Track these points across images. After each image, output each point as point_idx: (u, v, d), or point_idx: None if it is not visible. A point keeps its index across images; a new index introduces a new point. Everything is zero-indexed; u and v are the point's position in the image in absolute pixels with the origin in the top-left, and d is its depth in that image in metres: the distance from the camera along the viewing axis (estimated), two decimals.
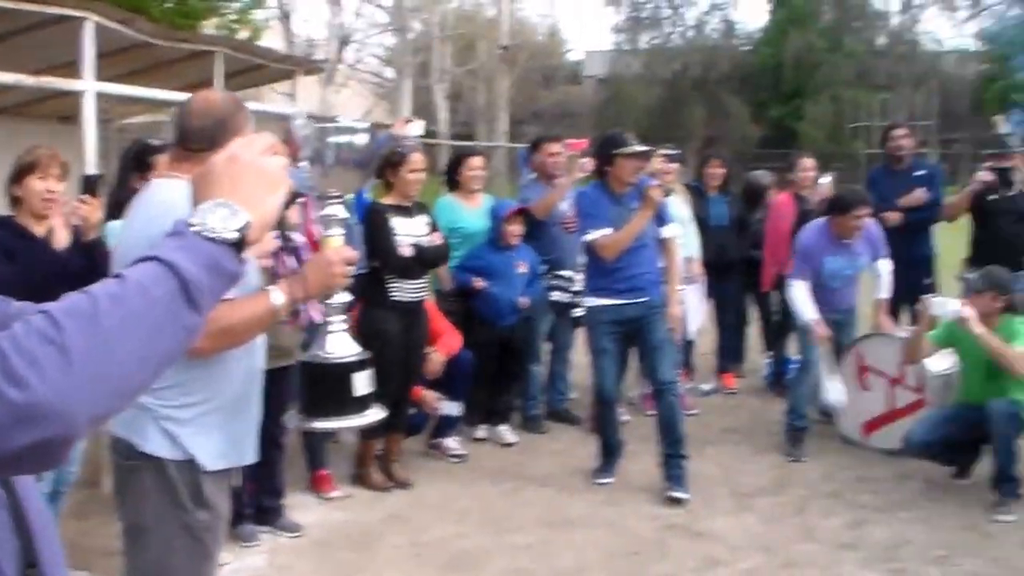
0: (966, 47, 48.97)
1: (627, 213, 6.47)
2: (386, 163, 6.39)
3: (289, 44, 34.00)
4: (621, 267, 6.52)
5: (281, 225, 4.20)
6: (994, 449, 6.21)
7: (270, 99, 18.42)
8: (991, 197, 8.07)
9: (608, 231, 6.46)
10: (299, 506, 6.22)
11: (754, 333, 9.80)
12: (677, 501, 6.39)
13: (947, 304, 6.37)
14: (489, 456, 7.44)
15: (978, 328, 6.16)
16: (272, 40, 28.40)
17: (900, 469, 6.95)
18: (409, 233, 6.43)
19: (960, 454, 6.61)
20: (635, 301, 6.54)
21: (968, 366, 6.58)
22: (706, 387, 9.20)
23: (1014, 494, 6.17)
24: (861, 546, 5.74)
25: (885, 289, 7.67)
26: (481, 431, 7.77)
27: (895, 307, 8.15)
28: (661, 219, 6.74)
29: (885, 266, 7.61)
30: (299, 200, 4.59)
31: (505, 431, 7.74)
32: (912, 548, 5.70)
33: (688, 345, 8.84)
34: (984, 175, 8.11)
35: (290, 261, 4.40)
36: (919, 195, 8.42)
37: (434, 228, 6.67)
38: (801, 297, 7.31)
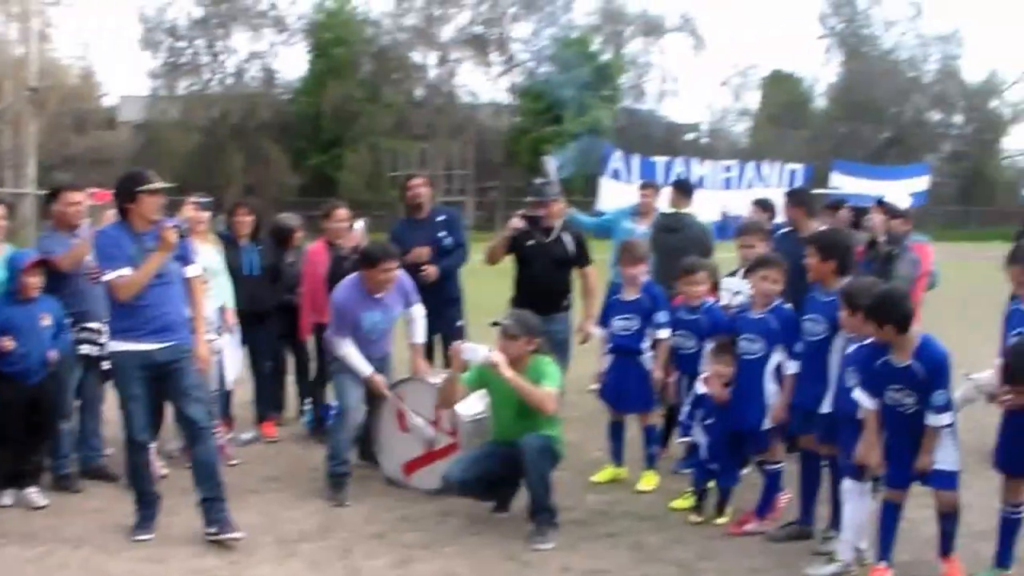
0: (500, 100, 52.46)
1: (146, 252, 6.33)
2: None
3: None
4: (145, 306, 6.33)
5: None
6: (528, 483, 6.58)
7: None
8: (529, 243, 8.48)
9: (127, 271, 6.28)
10: None
11: (291, 380, 9.83)
12: (225, 544, 6.30)
13: (478, 350, 6.65)
14: (19, 520, 6.94)
15: (507, 372, 6.52)
16: None
17: (443, 507, 7.17)
18: None
19: (498, 489, 6.94)
20: (163, 345, 6.39)
21: (500, 405, 6.91)
22: (246, 436, 9.05)
23: (550, 523, 6.56)
24: None
25: (419, 334, 7.93)
26: (7, 497, 7.29)
27: (429, 349, 8.53)
28: (184, 259, 6.67)
29: (419, 311, 7.87)
30: None
31: (34, 494, 7.32)
32: None
33: (226, 395, 8.71)
34: (516, 222, 8.47)
35: None
36: (420, 252, 8.73)
37: None
38: (352, 354, 7.50)
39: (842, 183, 24.95)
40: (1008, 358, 5.63)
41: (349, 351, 7.52)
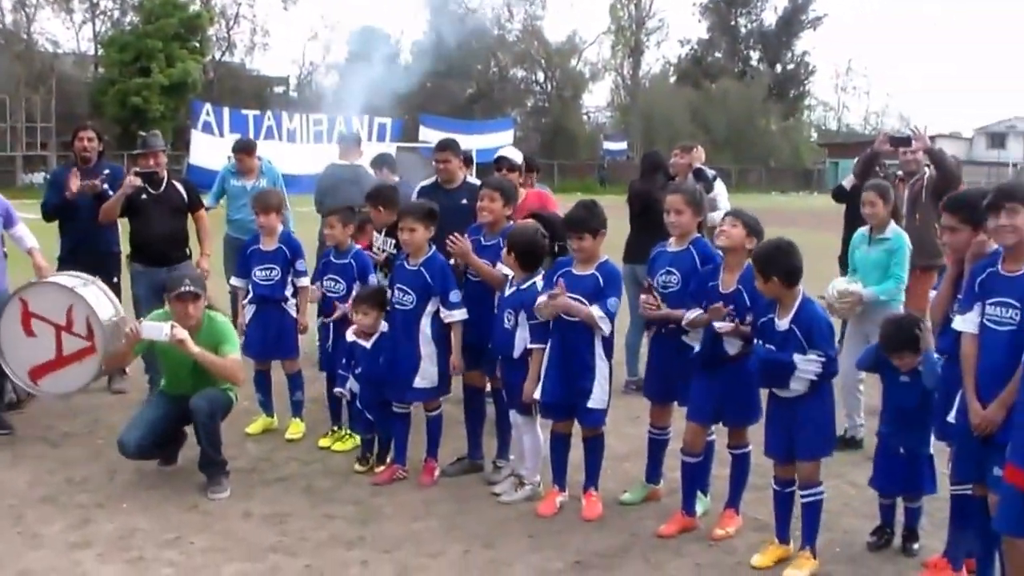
0: (84, 50, 49.57)
1: None
2: None
3: None
4: None
5: None
6: (200, 439, 6.44)
7: None
8: (143, 196, 8.33)
9: None
10: None
11: None
12: None
13: (160, 328, 6.27)
14: None
15: (194, 349, 6.28)
16: None
17: (108, 465, 6.86)
18: None
19: (168, 445, 6.80)
20: None
21: (173, 363, 6.65)
22: None
23: (223, 472, 6.47)
24: (95, 543, 5.63)
25: (29, 240, 7.89)
26: None
27: None
28: None
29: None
30: None
31: None
32: (143, 535, 5.75)
33: None
34: (134, 180, 8.25)
35: None
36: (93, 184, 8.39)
37: None
38: None
39: (430, 136, 25.87)
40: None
41: None
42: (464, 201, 7.38)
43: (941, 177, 8.38)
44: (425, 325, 6.58)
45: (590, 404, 6.06)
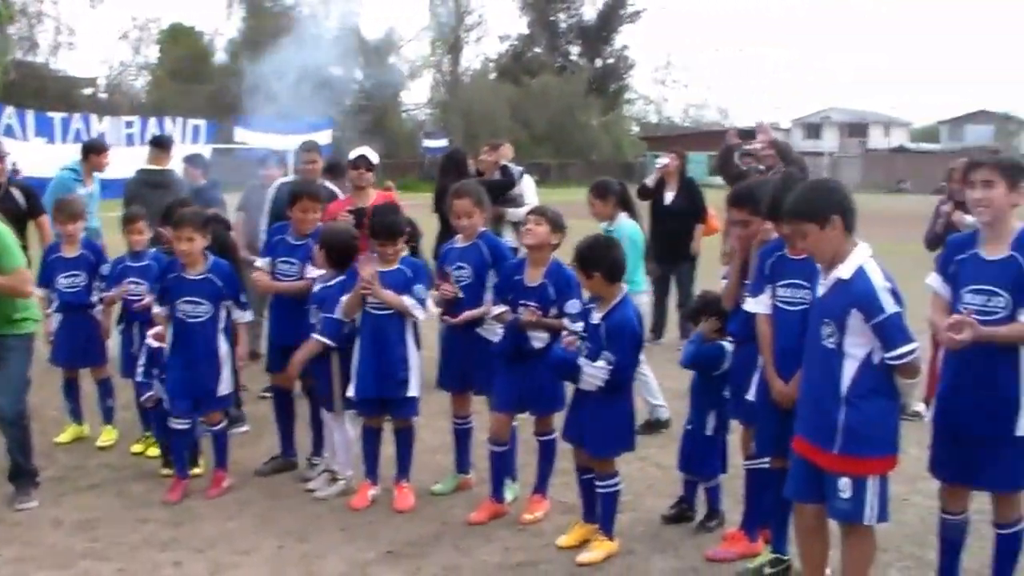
0: None
1: None
2: None
3: None
4: None
5: None
6: (9, 450, 6.33)
7: None
8: None
9: None
10: None
11: None
12: None
13: None
14: None
15: None
16: None
17: None
18: None
19: None
20: None
21: None
22: None
23: (32, 483, 6.37)
24: None
25: None
26: None
27: None
28: None
29: None
30: None
31: None
32: None
33: None
34: None
35: None
36: None
37: None
38: None
39: (247, 138, 25.41)
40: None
41: None
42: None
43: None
44: (221, 332, 6.56)
45: (409, 393, 6.27)
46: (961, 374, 4.67)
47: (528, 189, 9.93)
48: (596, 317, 5.47)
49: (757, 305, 5.16)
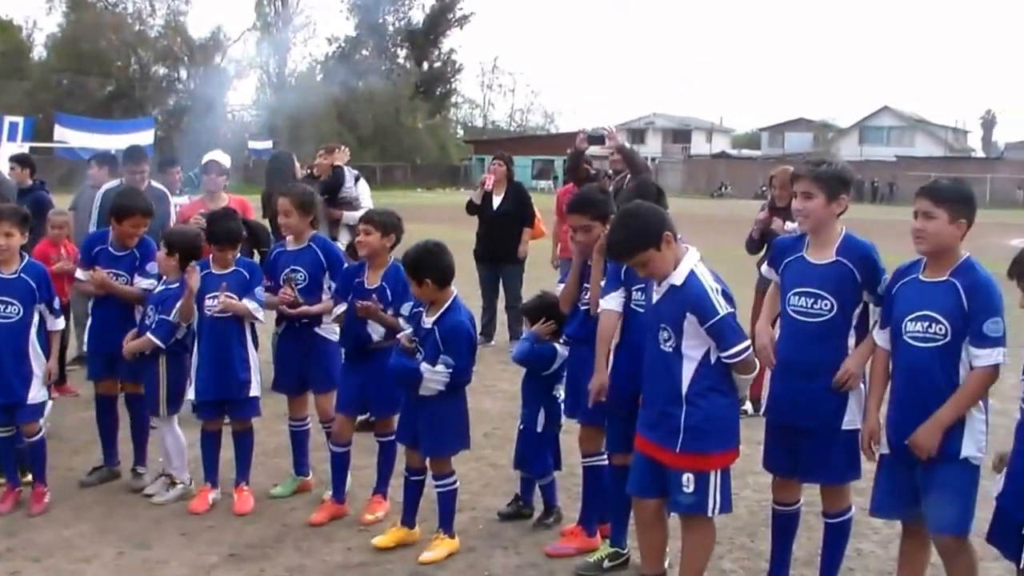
0: None
1: None
2: None
3: None
4: None
5: None
6: None
7: None
8: None
9: None
10: None
11: None
12: None
13: None
14: None
15: None
16: None
17: None
18: None
19: None
20: None
21: None
22: None
23: None
24: None
25: None
26: None
27: None
28: None
29: None
30: None
31: None
32: None
33: None
34: None
35: None
36: None
37: None
38: None
39: (66, 136, 24.67)
40: None
41: None
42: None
43: (634, 173, 8.83)
44: (33, 337, 6.26)
45: (251, 394, 6.38)
46: (790, 370, 4.88)
47: (364, 193, 10.05)
48: (428, 321, 5.59)
49: (608, 302, 5.28)
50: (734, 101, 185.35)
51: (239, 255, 6.52)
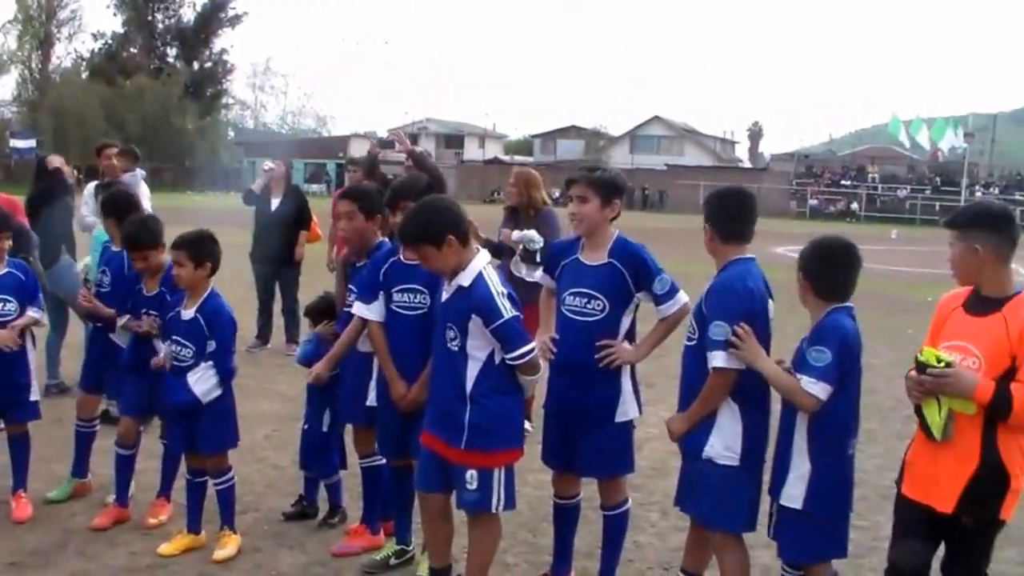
0: None
1: None
2: None
3: None
4: None
5: None
6: None
7: None
8: None
9: None
10: None
11: None
12: None
13: None
14: None
15: None
16: None
17: None
18: None
19: None
20: None
21: None
22: None
23: None
24: None
25: None
26: None
27: None
28: None
29: None
30: None
31: None
32: None
33: None
34: None
35: None
36: None
37: None
38: None
39: None
40: None
41: None
42: None
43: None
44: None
45: (32, 397, 6.33)
46: (566, 366, 5.09)
47: (144, 195, 9.93)
48: (188, 313, 5.71)
49: (370, 312, 5.32)
50: (507, 107, 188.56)
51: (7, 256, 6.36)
